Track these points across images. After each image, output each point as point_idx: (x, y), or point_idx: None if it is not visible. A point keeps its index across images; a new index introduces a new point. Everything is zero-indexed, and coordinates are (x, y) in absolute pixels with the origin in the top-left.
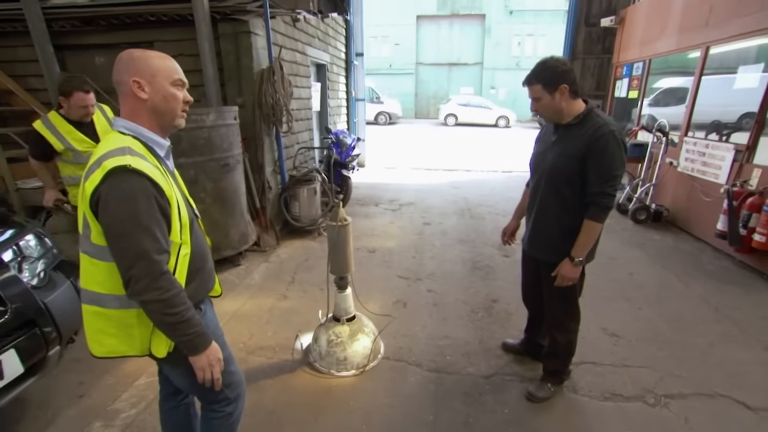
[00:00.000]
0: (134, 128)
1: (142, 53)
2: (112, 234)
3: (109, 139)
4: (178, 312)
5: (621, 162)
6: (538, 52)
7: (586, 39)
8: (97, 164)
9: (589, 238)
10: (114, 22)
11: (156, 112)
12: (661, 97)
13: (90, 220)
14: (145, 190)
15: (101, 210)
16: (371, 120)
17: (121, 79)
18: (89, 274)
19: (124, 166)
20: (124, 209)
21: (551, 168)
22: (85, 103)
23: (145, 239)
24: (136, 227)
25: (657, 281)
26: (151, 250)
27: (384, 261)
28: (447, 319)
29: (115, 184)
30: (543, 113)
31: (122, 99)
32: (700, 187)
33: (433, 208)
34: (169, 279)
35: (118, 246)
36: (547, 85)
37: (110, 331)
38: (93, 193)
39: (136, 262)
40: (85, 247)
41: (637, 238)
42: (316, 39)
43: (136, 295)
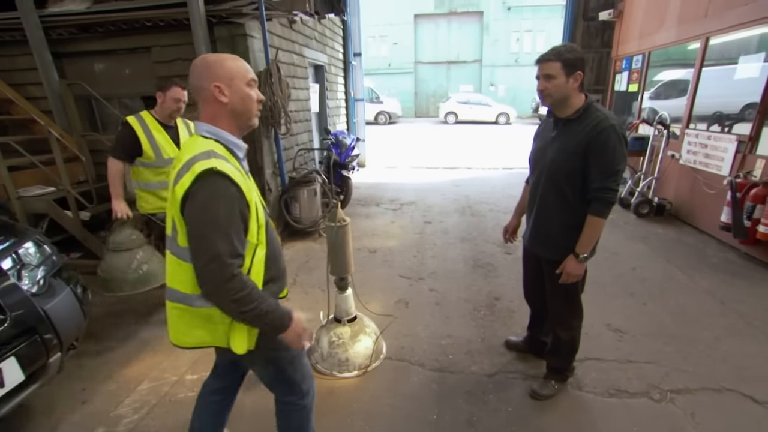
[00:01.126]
0: (216, 132)
1: (217, 57)
2: (192, 234)
3: (194, 143)
4: (252, 308)
5: (622, 156)
6: (537, 48)
7: (585, 33)
8: (186, 168)
9: (593, 234)
10: (111, 28)
11: (235, 114)
12: (662, 89)
13: (178, 223)
14: (227, 193)
15: (186, 211)
16: (371, 120)
17: (201, 85)
18: (175, 273)
19: (210, 168)
20: (206, 211)
21: (551, 164)
22: (179, 97)
23: (220, 242)
24: (215, 230)
25: (661, 275)
26: (224, 253)
27: (385, 261)
28: (449, 317)
29: (202, 186)
30: (550, 94)
31: (203, 104)
32: (703, 179)
33: (434, 207)
34: (240, 280)
35: (196, 247)
36: (567, 66)
37: (196, 323)
38: (183, 195)
39: (209, 263)
40: (173, 248)
41: (640, 232)
42: (313, 40)
43: (208, 296)
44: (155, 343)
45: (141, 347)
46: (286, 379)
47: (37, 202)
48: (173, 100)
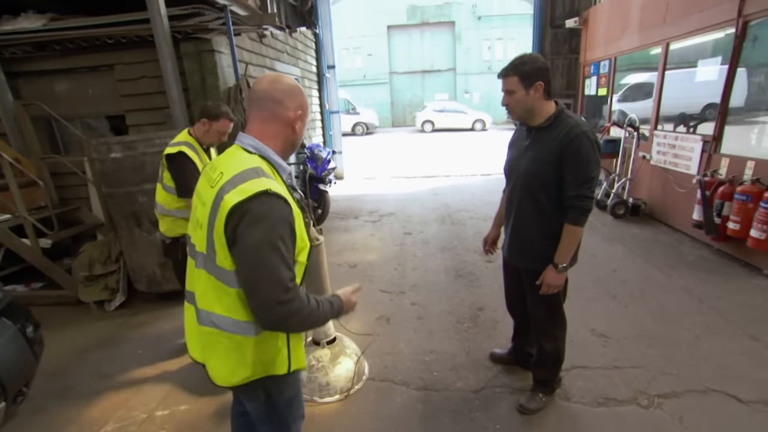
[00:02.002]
0: (263, 149)
1: (301, 88)
2: (246, 260)
3: (236, 157)
4: (319, 316)
5: (596, 163)
6: (509, 55)
7: (553, 40)
8: (232, 184)
9: (571, 243)
10: (70, 46)
11: (291, 144)
12: (629, 92)
13: (218, 243)
14: (283, 216)
15: (239, 233)
16: (348, 131)
17: (284, 103)
18: (213, 295)
19: (266, 190)
20: (262, 234)
21: (525, 174)
22: (225, 130)
23: (280, 267)
24: (273, 254)
25: (640, 276)
26: (286, 278)
27: (366, 275)
28: (432, 332)
29: (256, 208)
30: (514, 109)
31: (269, 119)
32: (674, 178)
33: (413, 217)
34: (300, 299)
35: (252, 273)
36: (524, 79)
37: (223, 356)
38: (230, 214)
39: (272, 290)
40: (210, 268)
41: (618, 233)
42: (284, 54)
43: (272, 325)
44: (122, 378)
45: (106, 383)
46: (278, 420)
47: None
48: (218, 132)
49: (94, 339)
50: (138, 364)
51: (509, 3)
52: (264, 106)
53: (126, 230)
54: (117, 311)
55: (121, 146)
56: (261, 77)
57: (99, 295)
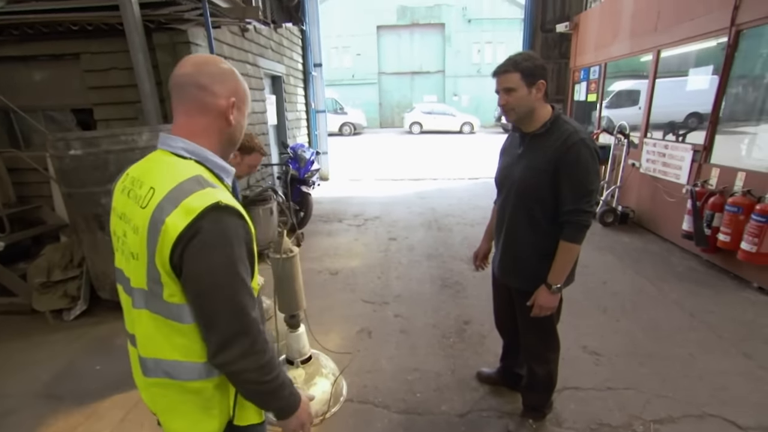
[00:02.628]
0: (197, 151)
1: (235, 70)
2: (201, 289)
3: (167, 165)
4: (273, 377)
5: (596, 174)
6: (498, 59)
7: (543, 45)
8: (171, 203)
9: (566, 261)
10: (29, 31)
11: (229, 140)
12: (615, 99)
13: (165, 275)
14: (237, 233)
15: (188, 260)
16: (336, 131)
17: (213, 89)
18: (162, 337)
19: (216, 203)
20: (219, 258)
21: (518, 184)
22: (256, 165)
23: (242, 293)
24: (233, 279)
25: (631, 288)
26: (249, 306)
27: (347, 284)
28: (416, 347)
29: (208, 227)
30: (513, 108)
31: (195, 109)
32: (663, 187)
33: (399, 222)
34: (265, 339)
35: (209, 304)
36: (526, 76)
37: (181, 410)
38: (177, 241)
39: (233, 322)
40: (154, 306)
41: (607, 241)
42: (269, 50)
43: (229, 364)
44: (74, 400)
45: (56, 406)
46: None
47: None
48: (249, 167)
49: (47, 353)
50: (94, 382)
51: (499, 6)
52: (188, 94)
53: (87, 233)
54: (77, 321)
55: (81, 142)
56: (184, 59)
57: (56, 304)
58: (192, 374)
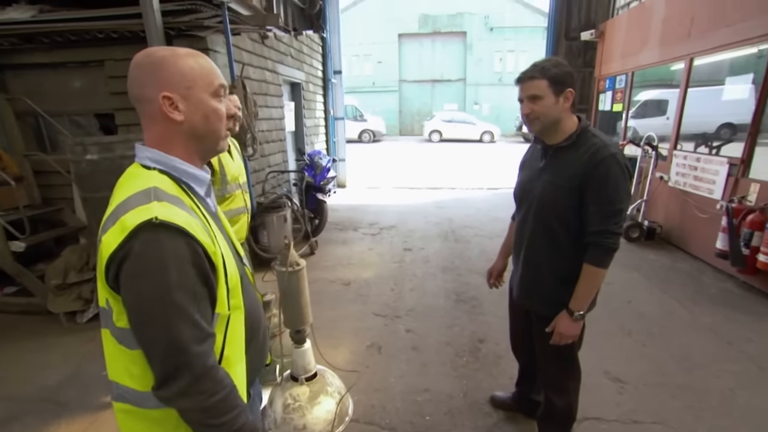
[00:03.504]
0: (163, 159)
1: (170, 54)
2: (137, 319)
3: (129, 177)
4: (225, 422)
5: (626, 192)
6: (520, 67)
7: (567, 53)
8: (113, 219)
9: (591, 287)
10: (58, 39)
11: (194, 137)
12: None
13: (109, 296)
14: (178, 254)
15: (123, 285)
16: (355, 138)
17: (144, 95)
18: (118, 361)
19: (149, 221)
20: (150, 284)
21: (539, 201)
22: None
23: (180, 326)
24: (167, 309)
25: (658, 309)
26: (189, 340)
27: (360, 295)
28: (427, 366)
29: (138, 248)
30: (538, 117)
31: (146, 121)
32: (694, 202)
33: (415, 232)
34: (214, 377)
35: (145, 335)
36: (554, 83)
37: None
38: (110, 260)
39: (170, 357)
40: (109, 326)
41: (633, 258)
42: (288, 57)
43: (169, 401)
44: (78, 407)
45: (60, 412)
46: None
47: None
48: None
49: (58, 356)
50: (100, 388)
51: (522, 15)
52: (138, 107)
53: None
54: (89, 324)
55: (98, 147)
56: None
57: (70, 306)
58: (150, 403)
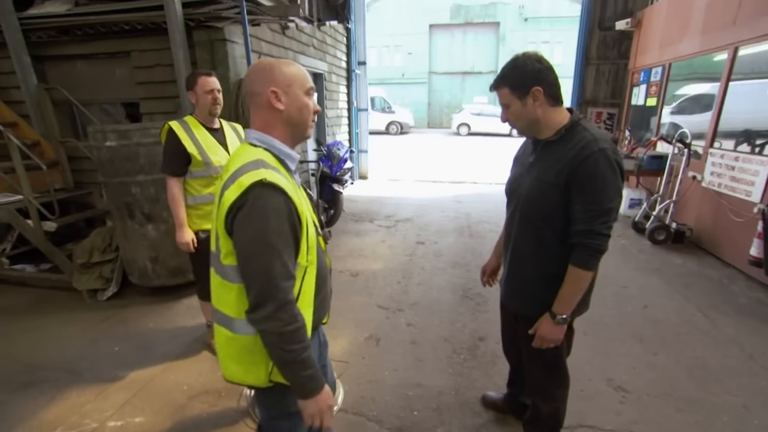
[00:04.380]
0: (267, 140)
1: (276, 62)
2: (243, 254)
3: (241, 152)
4: (294, 349)
5: (616, 190)
6: (555, 60)
7: (601, 44)
8: (232, 179)
9: (575, 290)
10: (90, 31)
11: (290, 123)
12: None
13: (222, 239)
14: (279, 208)
15: (236, 228)
16: (382, 130)
17: (255, 90)
18: (220, 294)
19: (260, 180)
20: (256, 228)
21: (526, 199)
22: (210, 87)
23: (274, 263)
24: (267, 248)
25: (677, 317)
26: (279, 276)
27: (366, 287)
28: (423, 361)
29: (251, 200)
30: (515, 124)
31: (256, 110)
32: (729, 204)
33: (430, 225)
34: (291, 311)
35: (247, 268)
36: (516, 88)
37: (235, 358)
38: (229, 210)
39: (263, 287)
40: (216, 266)
41: (655, 262)
42: (310, 47)
43: (256, 322)
44: (90, 377)
45: (73, 381)
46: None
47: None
48: (205, 92)
49: (78, 330)
50: (110, 364)
51: (559, 5)
52: (250, 100)
53: (119, 221)
54: (108, 302)
55: (116, 135)
56: None
57: (93, 284)
58: (240, 329)
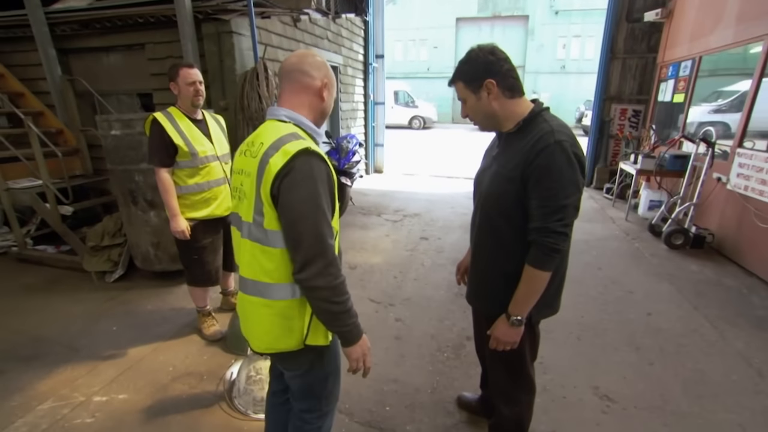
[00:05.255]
0: (296, 117)
1: (325, 60)
2: (292, 215)
3: (274, 127)
4: (343, 300)
5: (573, 185)
6: (586, 55)
7: (629, 36)
8: (274, 148)
9: (530, 290)
10: (108, 24)
11: (322, 115)
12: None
13: (267, 205)
14: (323, 174)
15: (283, 191)
16: (405, 124)
17: (310, 72)
18: (257, 263)
19: (306, 148)
20: (306, 191)
21: (485, 194)
22: (192, 78)
23: (323, 222)
24: (316, 209)
25: (682, 326)
26: (327, 235)
27: (360, 280)
28: (405, 357)
29: (299, 166)
30: (473, 118)
31: (299, 91)
32: (756, 209)
33: (437, 221)
34: (338, 265)
35: (297, 228)
36: (469, 81)
37: (269, 326)
38: (276, 175)
39: (314, 245)
40: (255, 234)
41: (668, 267)
42: (324, 40)
43: (307, 280)
44: (86, 354)
45: (69, 356)
46: (315, 395)
47: (22, 195)
48: (187, 84)
49: (83, 309)
50: (107, 341)
51: None
52: (294, 78)
53: (124, 207)
54: (115, 284)
55: (121, 124)
56: (291, 54)
57: (101, 266)
58: (277, 294)
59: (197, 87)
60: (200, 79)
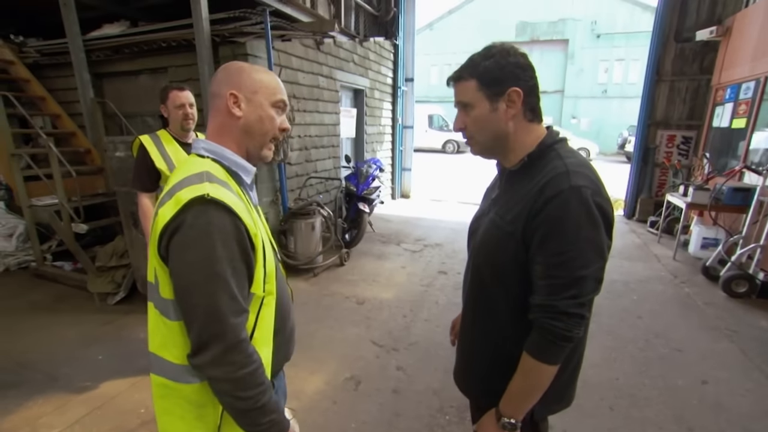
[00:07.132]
0: (216, 150)
1: (248, 66)
2: (181, 286)
3: (186, 164)
4: (251, 396)
5: (594, 249)
6: (630, 78)
7: (677, 57)
8: (169, 195)
9: (528, 385)
10: (135, 49)
11: (247, 134)
12: None
13: (158, 267)
14: (224, 229)
15: (172, 252)
16: (438, 148)
17: (217, 91)
18: (159, 335)
19: (201, 196)
20: (199, 253)
21: (478, 247)
22: (181, 101)
23: (220, 295)
24: (212, 278)
25: (751, 404)
26: (226, 311)
27: (367, 318)
28: (400, 416)
29: (189, 220)
30: (473, 134)
31: (212, 114)
32: None
33: (460, 252)
34: (245, 351)
35: (187, 301)
36: (489, 84)
37: (177, 413)
38: (163, 231)
39: (208, 324)
40: (155, 300)
41: (729, 320)
42: (350, 63)
43: (201, 368)
44: (63, 384)
45: (46, 386)
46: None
47: (42, 212)
48: (176, 107)
49: (77, 332)
50: (88, 372)
51: (639, 18)
52: (210, 103)
53: (126, 229)
54: (116, 306)
55: (125, 146)
56: None
57: (104, 287)
58: (184, 377)
59: (186, 110)
60: (191, 101)
